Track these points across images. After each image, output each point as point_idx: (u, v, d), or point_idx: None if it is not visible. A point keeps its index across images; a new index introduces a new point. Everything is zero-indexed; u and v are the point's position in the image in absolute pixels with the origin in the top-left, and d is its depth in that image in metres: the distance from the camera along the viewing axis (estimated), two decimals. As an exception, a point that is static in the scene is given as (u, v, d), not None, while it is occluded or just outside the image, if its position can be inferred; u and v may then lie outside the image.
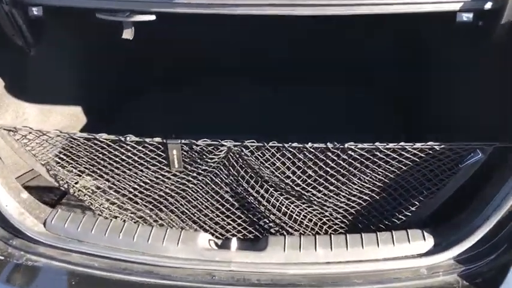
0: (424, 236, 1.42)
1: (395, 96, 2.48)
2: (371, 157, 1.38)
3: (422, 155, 1.37)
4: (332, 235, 1.46)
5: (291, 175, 1.44)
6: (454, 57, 1.93)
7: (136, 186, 1.52)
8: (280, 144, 1.38)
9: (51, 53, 1.89)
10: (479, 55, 1.71)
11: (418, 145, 1.35)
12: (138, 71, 2.56)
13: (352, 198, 1.50)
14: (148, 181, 1.51)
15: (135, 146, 1.42)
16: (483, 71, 1.71)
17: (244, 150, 1.39)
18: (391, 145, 1.35)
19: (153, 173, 1.48)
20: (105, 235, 1.46)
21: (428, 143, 1.34)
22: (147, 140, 1.40)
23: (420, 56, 2.29)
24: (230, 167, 1.45)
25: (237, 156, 1.42)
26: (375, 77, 2.56)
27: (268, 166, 1.42)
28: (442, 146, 1.34)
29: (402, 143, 1.35)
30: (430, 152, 1.36)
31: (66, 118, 2.14)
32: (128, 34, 1.48)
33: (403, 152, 1.36)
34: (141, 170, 1.48)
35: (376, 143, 1.35)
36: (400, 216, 1.49)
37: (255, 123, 2.32)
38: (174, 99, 2.56)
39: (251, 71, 2.57)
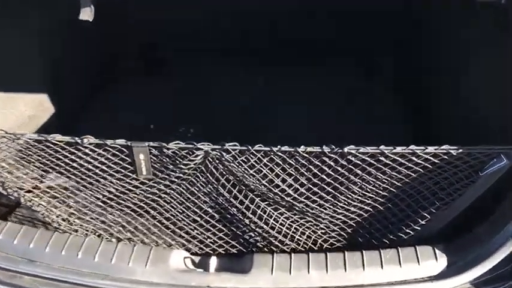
0: (435, 254, 1.22)
1: (396, 83, 2.26)
2: (375, 162, 1.17)
3: (436, 161, 1.15)
4: (328, 253, 1.25)
5: (280, 184, 1.22)
6: (465, 42, 1.70)
7: (99, 196, 1.30)
8: (268, 148, 1.16)
9: (4, 32, 1.65)
10: (496, 40, 1.49)
11: (430, 149, 1.13)
12: (114, 54, 2.32)
13: (352, 208, 1.28)
14: (113, 190, 1.28)
15: (95, 149, 1.20)
16: (499, 58, 1.49)
17: (224, 155, 1.17)
18: (398, 149, 1.13)
19: (117, 181, 1.26)
20: (62, 253, 1.24)
21: (443, 147, 1.12)
22: (108, 142, 1.18)
23: (425, 40, 2.06)
24: (209, 174, 1.23)
25: (217, 161, 1.20)
26: (375, 63, 2.33)
27: (254, 174, 1.20)
28: (460, 150, 1.12)
29: (412, 147, 1.13)
30: (445, 157, 1.14)
31: (31, 107, 1.90)
32: (86, 14, 1.24)
33: (412, 157, 1.15)
34: (104, 177, 1.26)
35: (381, 147, 1.13)
36: (407, 231, 1.28)
37: (243, 114, 2.11)
38: (153, 86, 2.33)
39: (239, 55, 2.34)
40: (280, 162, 1.19)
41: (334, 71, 2.31)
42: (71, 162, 1.23)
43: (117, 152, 1.19)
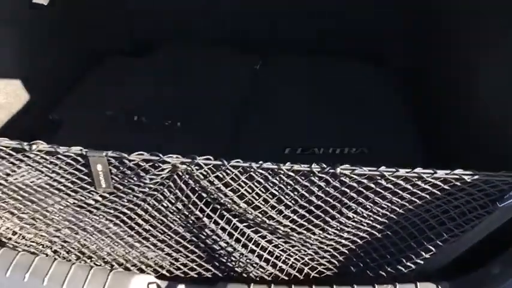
0: (439, 293, 1.05)
1: (405, 78, 2.05)
2: (373, 185, 0.99)
3: (446, 187, 0.97)
4: (314, 287, 1.07)
5: (261, 205, 1.05)
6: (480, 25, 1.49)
7: (53, 209, 1.12)
8: (247, 164, 0.98)
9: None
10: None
11: (440, 173, 0.95)
12: (95, 36, 2.13)
13: (345, 235, 1.11)
14: (68, 203, 1.11)
15: (45, 157, 1.03)
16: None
17: (195, 170, 0.99)
18: (401, 171, 0.95)
19: (73, 193, 1.08)
20: (7, 275, 1.08)
21: (456, 171, 0.94)
22: (61, 149, 1.00)
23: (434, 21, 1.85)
24: (178, 191, 1.05)
25: (187, 176, 1.02)
26: (383, 58, 2.13)
27: (229, 193, 1.02)
28: (476, 176, 0.94)
29: (418, 170, 0.95)
30: (458, 183, 0.96)
31: (3, 94, 1.73)
32: (39, -2, 1.05)
33: (418, 182, 0.97)
34: (58, 189, 1.08)
35: (381, 168, 0.95)
36: (408, 263, 1.10)
37: (237, 103, 1.92)
38: (142, 76, 2.12)
39: (236, 39, 2.15)
40: (262, 181, 1.01)
41: (340, 64, 2.11)
42: (18, 170, 1.07)
43: (71, 161, 1.02)
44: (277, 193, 1.03)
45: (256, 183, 1.02)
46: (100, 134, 1.79)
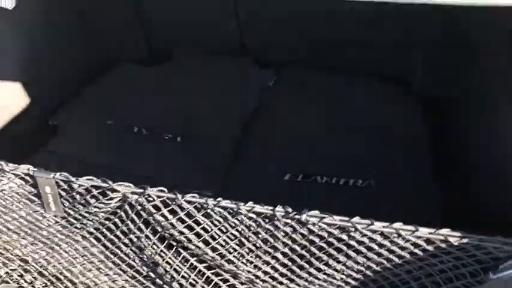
0: None
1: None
2: (345, 238, 0.86)
3: (429, 248, 0.83)
4: None
5: (219, 246, 0.93)
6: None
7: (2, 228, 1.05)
8: (202, 200, 0.88)
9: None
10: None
11: (422, 231, 0.81)
12: (106, 43, 2.10)
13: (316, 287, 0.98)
14: (18, 224, 1.03)
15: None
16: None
17: (146, 202, 0.89)
18: (377, 225, 0.82)
19: (23, 216, 1.01)
20: None
21: (441, 231, 0.80)
22: (8, 167, 0.93)
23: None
24: (129, 222, 0.95)
25: (139, 207, 0.93)
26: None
27: (185, 230, 0.92)
28: (465, 240, 0.80)
29: (397, 225, 0.81)
30: (443, 245, 0.82)
31: (4, 96, 1.71)
32: (6, 1, 1.00)
33: (396, 239, 0.83)
34: (9, 209, 1.01)
35: (354, 219, 0.83)
36: (383, 330, 0.96)
37: (242, 121, 1.84)
38: (145, 81, 2.07)
39: (251, 53, 2.08)
40: (221, 220, 0.90)
41: (358, 87, 1.99)
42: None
43: (19, 181, 0.95)
44: (238, 234, 0.92)
45: (215, 222, 0.92)
46: (95, 143, 1.74)
